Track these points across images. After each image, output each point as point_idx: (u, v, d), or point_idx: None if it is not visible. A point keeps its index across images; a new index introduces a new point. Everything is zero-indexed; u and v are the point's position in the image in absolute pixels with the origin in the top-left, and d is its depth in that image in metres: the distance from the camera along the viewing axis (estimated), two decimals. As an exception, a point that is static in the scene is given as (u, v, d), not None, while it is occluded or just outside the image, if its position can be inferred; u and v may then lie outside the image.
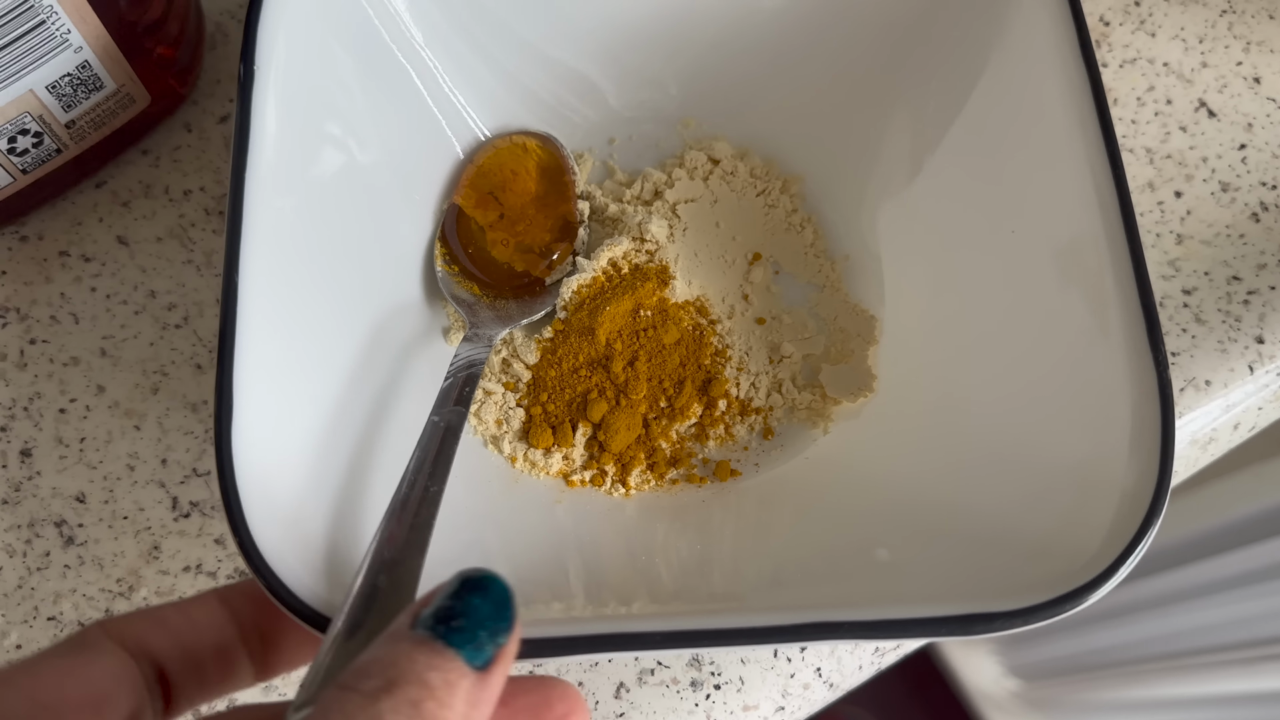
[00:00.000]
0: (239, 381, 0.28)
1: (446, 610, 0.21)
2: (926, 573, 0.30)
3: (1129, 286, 0.30)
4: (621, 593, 0.31)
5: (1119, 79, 0.43)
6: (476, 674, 0.21)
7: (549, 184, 0.39)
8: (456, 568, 0.31)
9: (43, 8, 0.32)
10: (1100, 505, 0.28)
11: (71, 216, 0.39)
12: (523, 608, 0.29)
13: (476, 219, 0.39)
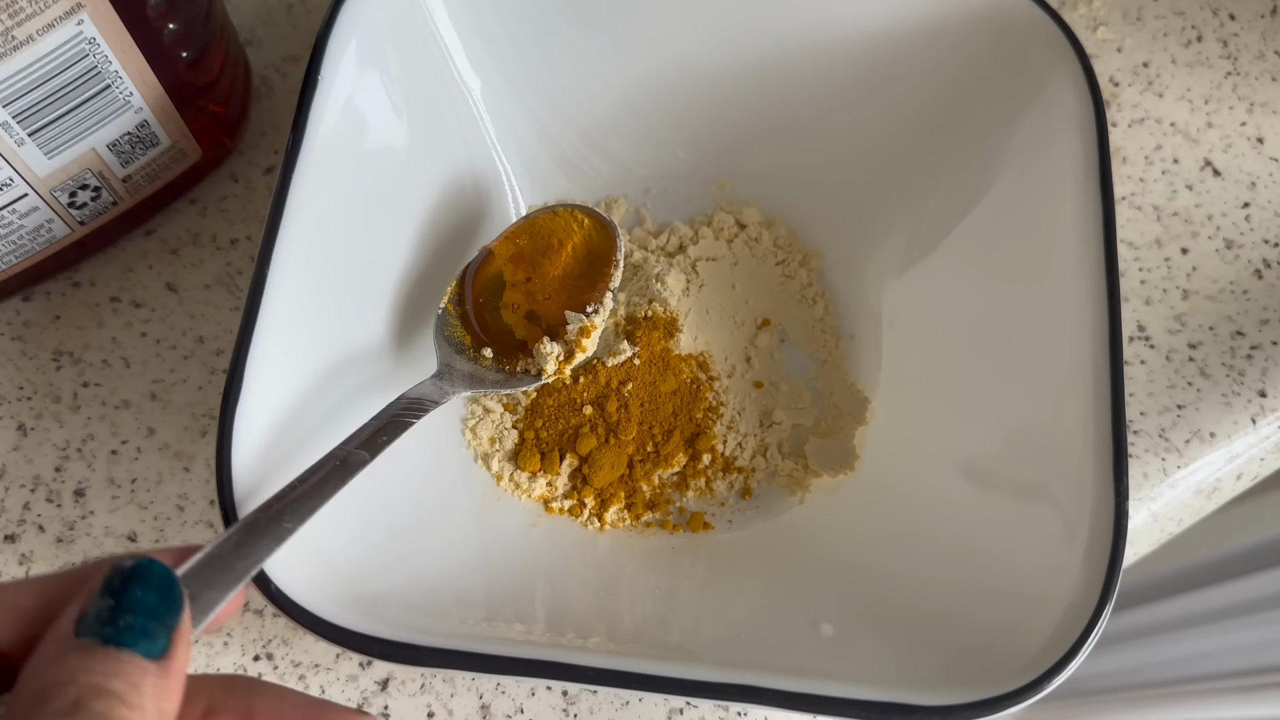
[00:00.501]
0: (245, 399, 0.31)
1: (109, 611, 0.20)
2: (865, 654, 0.32)
3: (1105, 418, 0.32)
4: (582, 626, 0.33)
5: (1128, 138, 0.45)
6: (158, 665, 0.20)
7: (586, 267, 0.38)
8: (432, 563, 0.34)
9: (109, 73, 0.34)
10: (1045, 615, 0.30)
11: (122, 264, 0.41)
12: (485, 623, 0.32)
13: (504, 273, 0.38)
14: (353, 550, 0.32)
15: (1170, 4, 0.47)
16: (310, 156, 0.34)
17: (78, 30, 0.32)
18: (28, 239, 0.37)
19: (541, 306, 0.38)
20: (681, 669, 0.29)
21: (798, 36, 0.39)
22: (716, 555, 0.37)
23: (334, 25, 0.35)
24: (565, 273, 0.38)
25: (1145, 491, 0.40)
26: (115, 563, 0.21)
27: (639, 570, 0.36)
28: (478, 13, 0.38)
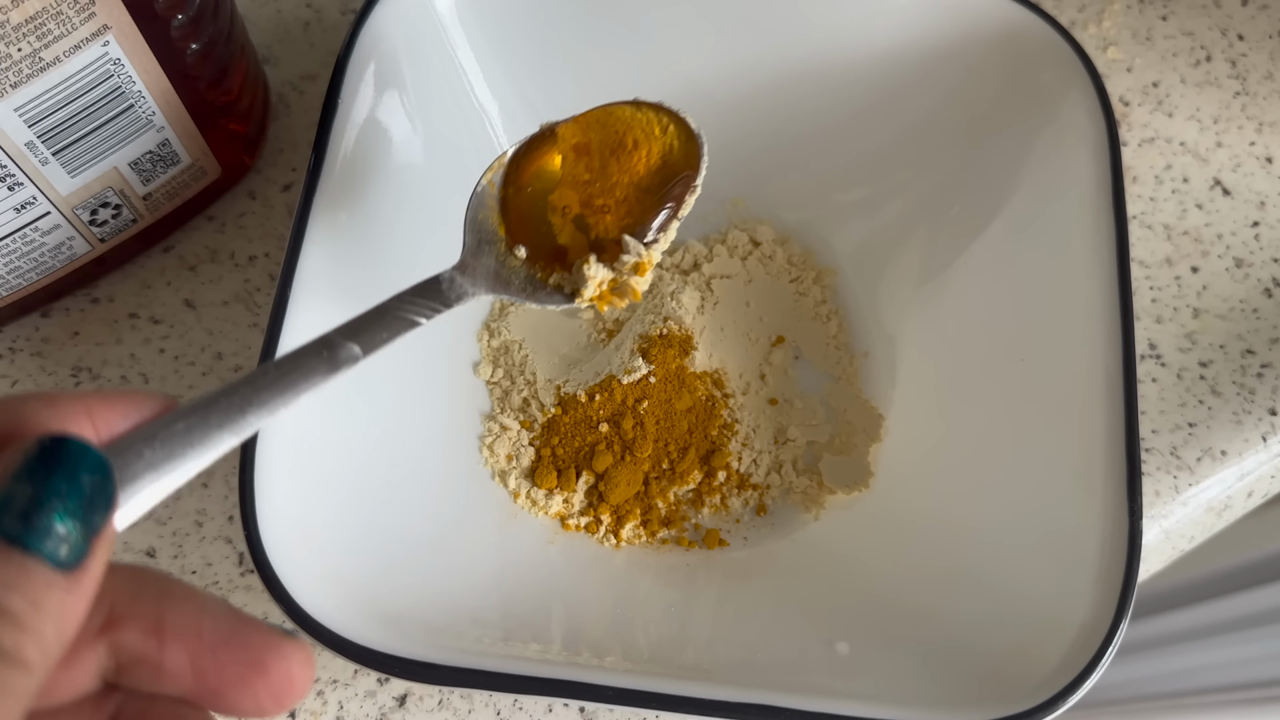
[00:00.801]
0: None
1: (20, 498, 0.17)
2: (879, 674, 0.32)
3: (1119, 438, 0.32)
4: (598, 645, 0.33)
5: (1138, 157, 0.45)
6: (67, 578, 0.17)
7: (657, 184, 0.32)
8: (450, 581, 0.34)
9: (132, 93, 0.34)
10: (1057, 637, 0.30)
11: (141, 280, 0.41)
12: (502, 642, 0.32)
13: (563, 163, 0.32)
14: (372, 567, 0.33)
15: (1179, 24, 0.48)
16: (330, 177, 0.34)
17: (103, 51, 0.32)
18: (49, 256, 0.37)
19: (595, 215, 0.32)
20: (698, 689, 0.29)
21: (811, 60, 0.39)
22: (732, 572, 0.37)
23: (353, 48, 0.35)
24: (633, 182, 0.32)
25: (1157, 509, 0.40)
26: (42, 438, 0.17)
27: (654, 587, 0.36)
28: (495, 35, 0.38)
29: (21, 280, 0.37)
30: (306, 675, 0.20)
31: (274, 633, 0.20)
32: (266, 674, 0.20)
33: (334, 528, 0.33)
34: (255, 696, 0.20)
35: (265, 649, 0.20)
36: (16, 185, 0.34)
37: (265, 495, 0.30)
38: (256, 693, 0.20)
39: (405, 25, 0.36)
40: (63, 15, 0.30)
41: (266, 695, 0.20)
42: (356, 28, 0.35)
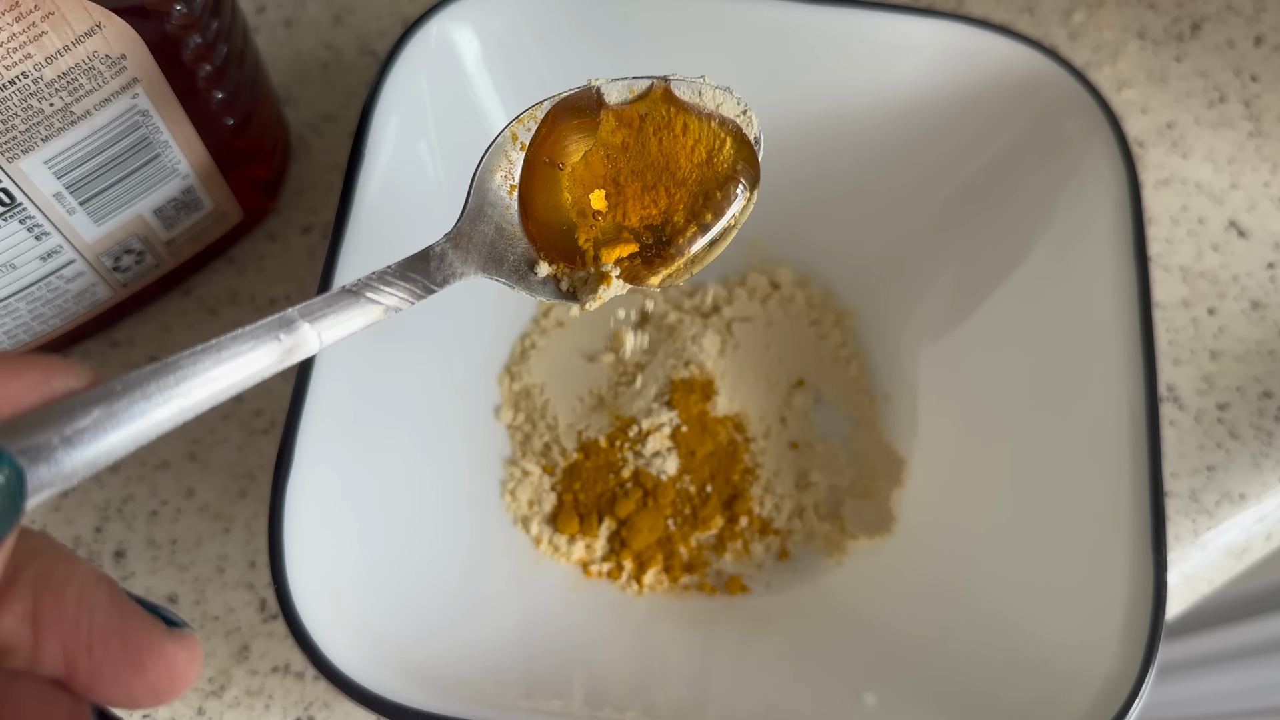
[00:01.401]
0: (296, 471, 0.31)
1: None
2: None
3: (1143, 487, 0.32)
4: (620, 703, 0.33)
5: (1154, 199, 0.45)
6: None
7: (699, 177, 0.28)
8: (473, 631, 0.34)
9: (159, 143, 0.34)
10: (1082, 690, 0.30)
11: (161, 323, 0.41)
12: (524, 698, 0.32)
13: (603, 126, 0.28)
14: (397, 619, 0.33)
15: (1194, 65, 0.48)
16: (358, 223, 0.34)
17: (132, 104, 0.32)
18: (71, 302, 0.37)
19: (620, 197, 0.27)
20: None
21: (833, 107, 0.39)
22: (754, 619, 0.37)
23: (379, 95, 0.35)
24: (672, 171, 0.28)
25: (1177, 553, 0.40)
26: None
27: (676, 635, 0.36)
28: (519, 81, 0.38)
29: (44, 326, 0.37)
30: (190, 672, 0.20)
31: (155, 630, 0.19)
32: (144, 674, 0.19)
33: (360, 579, 0.33)
34: (131, 693, 0.19)
35: (145, 648, 0.19)
36: (43, 235, 0.34)
37: (293, 547, 0.30)
38: (132, 690, 0.19)
39: (430, 72, 0.37)
40: (95, 70, 0.30)
41: (143, 693, 0.19)
42: (382, 74, 0.35)
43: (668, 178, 0.28)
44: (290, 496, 0.31)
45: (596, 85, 0.28)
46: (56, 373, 0.19)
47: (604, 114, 0.28)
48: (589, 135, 0.28)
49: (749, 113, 0.28)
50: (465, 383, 0.39)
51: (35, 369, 0.18)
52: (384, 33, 0.46)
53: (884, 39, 0.38)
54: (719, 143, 0.28)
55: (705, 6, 0.38)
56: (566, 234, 0.27)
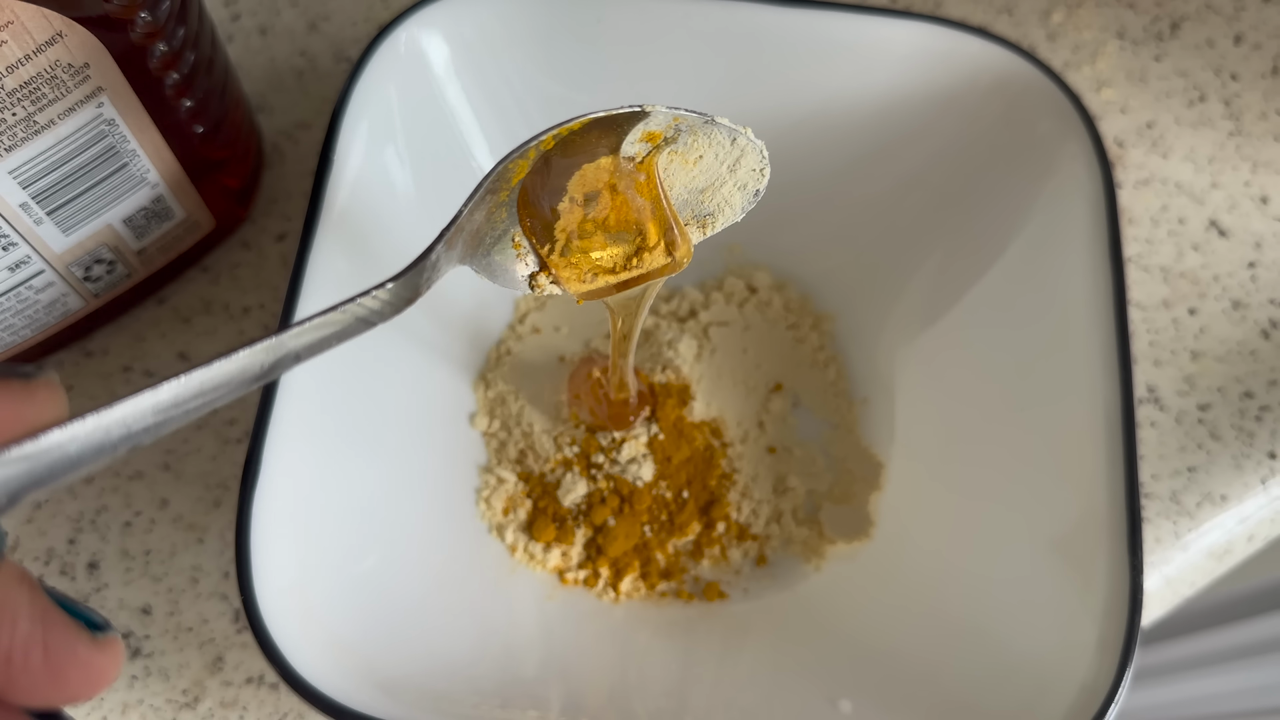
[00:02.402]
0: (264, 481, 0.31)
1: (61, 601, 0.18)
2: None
3: (1119, 490, 0.32)
4: (596, 714, 0.33)
5: (1134, 199, 0.45)
6: None
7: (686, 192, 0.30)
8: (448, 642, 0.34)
9: (126, 151, 0.34)
10: (1059, 696, 0.30)
11: (134, 333, 0.41)
12: (500, 709, 0.32)
13: (618, 157, 0.28)
14: (369, 629, 0.32)
15: (1173, 64, 0.48)
16: (327, 230, 0.34)
17: (98, 112, 0.32)
18: (42, 313, 0.37)
19: (608, 206, 0.29)
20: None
21: (808, 109, 0.39)
22: (732, 627, 0.37)
23: (348, 101, 0.35)
24: (655, 206, 0.29)
25: (1158, 555, 0.40)
26: None
27: (654, 644, 0.36)
28: (489, 86, 0.38)
29: (15, 337, 0.37)
30: (110, 675, 0.20)
31: (78, 639, 0.19)
32: (65, 685, 0.19)
33: (331, 589, 0.32)
34: (47, 699, 0.19)
35: (68, 660, 0.19)
36: (10, 245, 0.33)
37: (261, 558, 0.30)
38: (50, 698, 0.19)
39: (399, 78, 0.36)
40: (57, 79, 0.30)
41: (61, 699, 0.19)
42: (351, 81, 0.35)
43: (657, 209, 0.29)
44: (258, 507, 0.30)
45: (647, 110, 0.28)
46: (23, 404, 0.19)
47: (635, 141, 0.29)
48: (610, 153, 0.29)
49: (764, 170, 0.30)
50: (440, 389, 0.39)
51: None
52: (358, 39, 0.46)
53: (858, 41, 0.38)
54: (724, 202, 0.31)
55: (679, 9, 0.38)
56: (548, 223, 0.29)
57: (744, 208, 0.31)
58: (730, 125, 0.29)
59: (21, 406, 0.19)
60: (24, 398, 0.19)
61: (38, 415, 0.19)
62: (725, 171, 0.30)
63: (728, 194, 0.30)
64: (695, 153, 0.29)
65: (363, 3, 0.47)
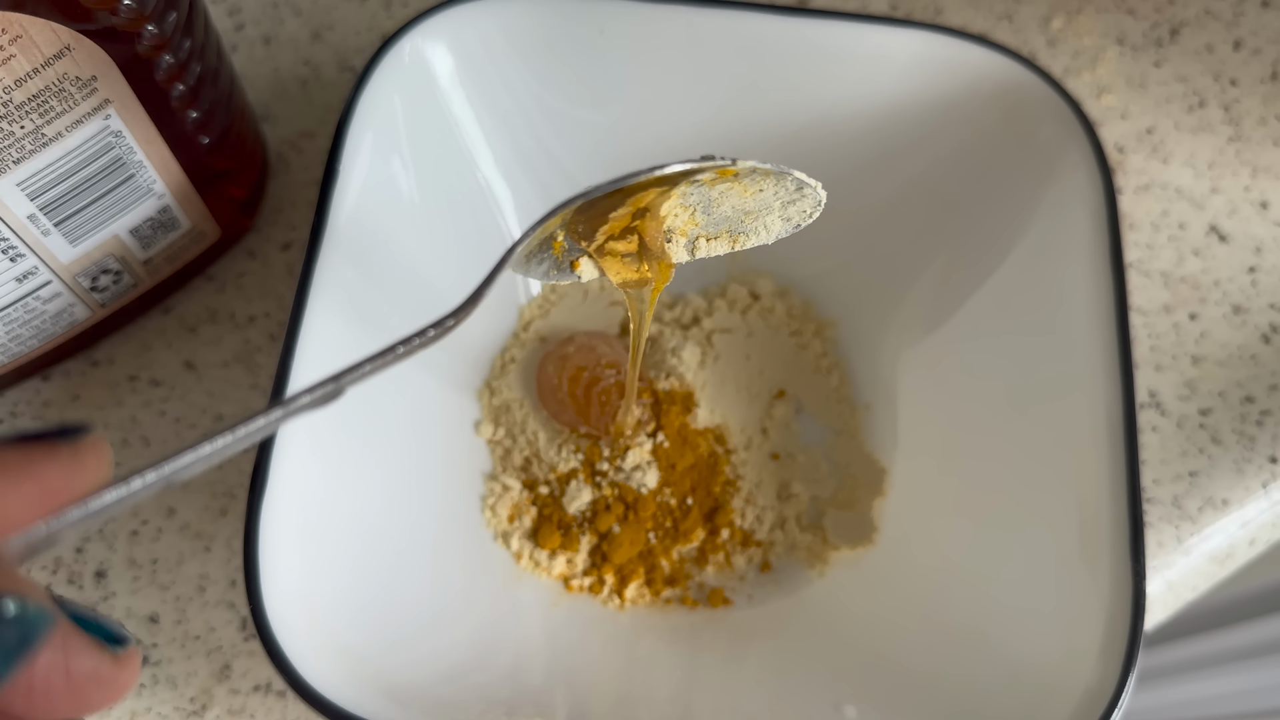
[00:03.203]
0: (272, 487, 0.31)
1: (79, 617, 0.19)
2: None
3: (1121, 495, 0.32)
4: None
5: (1135, 204, 0.45)
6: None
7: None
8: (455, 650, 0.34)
9: (133, 163, 0.34)
10: (1062, 700, 0.30)
11: (141, 342, 0.41)
12: (504, 716, 0.32)
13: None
14: (377, 637, 0.33)
15: (1173, 70, 0.48)
16: (332, 241, 0.34)
17: (105, 124, 0.32)
18: (49, 323, 0.37)
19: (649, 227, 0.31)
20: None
21: (809, 117, 0.39)
22: (737, 633, 0.37)
23: (353, 112, 0.35)
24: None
25: (1160, 560, 0.40)
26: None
27: (658, 651, 0.36)
28: (493, 97, 0.38)
29: (22, 347, 0.37)
30: (130, 686, 0.20)
31: (100, 661, 0.20)
32: (87, 704, 0.19)
33: (339, 597, 0.33)
34: (69, 715, 0.19)
35: (90, 682, 0.19)
36: (18, 256, 0.34)
37: (269, 566, 0.30)
38: (71, 714, 0.19)
39: (404, 89, 0.37)
40: (65, 92, 0.30)
41: (82, 714, 0.20)
42: (356, 91, 0.35)
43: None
44: (266, 516, 0.31)
45: (736, 168, 0.29)
46: (73, 473, 0.19)
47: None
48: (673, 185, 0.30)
49: (814, 215, 0.32)
50: (444, 397, 0.39)
51: (34, 479, 0.19)
52: (362, 49, 0.46)
53: (859, 50, 0.38)
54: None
55: (682, 19, 0.38)
56: (594, 229, 0.31)
57: (779, 235, 0.32)
58: (803, 179, 0.30)
59: (71, 476, 0.19)
60: (73, 467, 0.19)
61: (87, 482, 0.20)
62: (778, 205, 0.31)
63: (770, 222, 0.32)
64: (758, 186, 0.30)
65: (366, 12, 0.47)
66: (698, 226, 0.31)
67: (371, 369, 0.25)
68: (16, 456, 0.19)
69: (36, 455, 0.19)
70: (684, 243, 0.32)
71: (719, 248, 0.32)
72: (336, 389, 0.24)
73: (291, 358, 0.32)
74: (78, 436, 0.20)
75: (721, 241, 0.32)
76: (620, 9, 0.38)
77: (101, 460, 0.20)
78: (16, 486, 0.18)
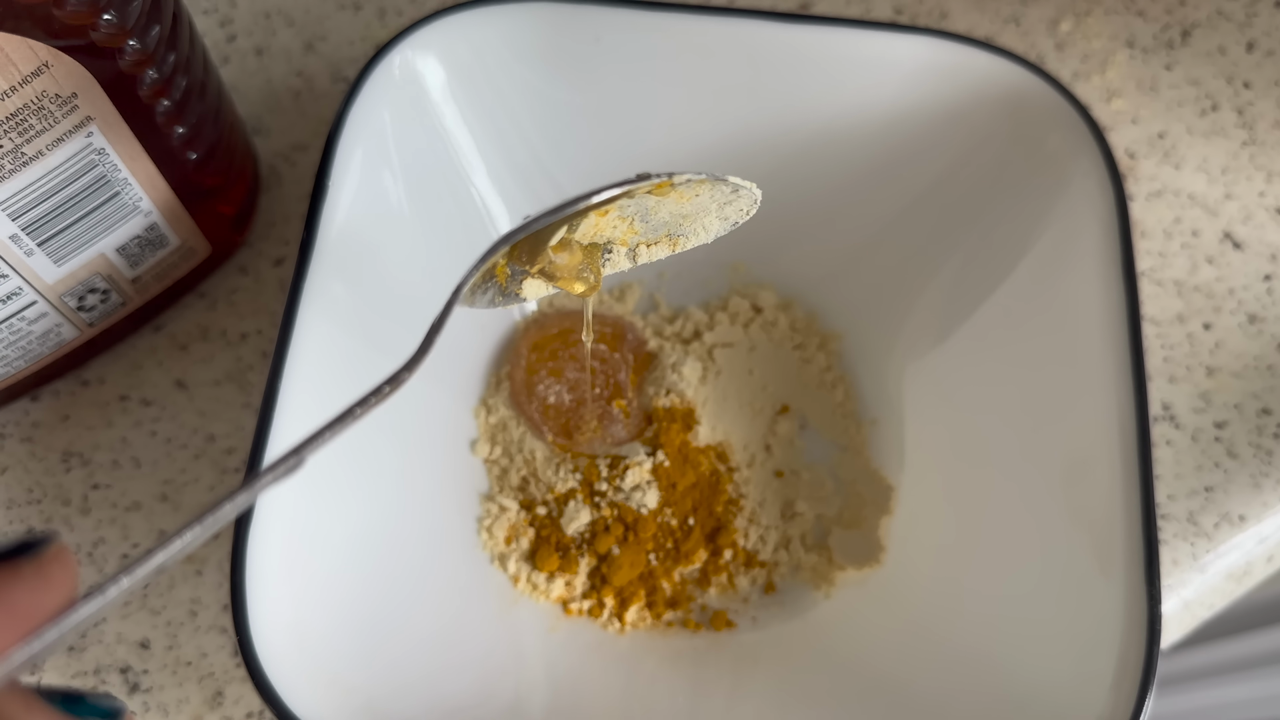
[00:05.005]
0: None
1: (70, 699, 0.20)
2: None
3: (1135, 513, 0.31)
4: None
5: (1147, 211, 0.44)
6: None
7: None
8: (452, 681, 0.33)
9: (118, 180, 0.33)
10: None
11: (131, 361, 0.40)
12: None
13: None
14: (370, 668, 0.32)
15: (1185, 73, 0.47)
16: (322, 257, 0.33)
17: (87, 142, 0.31)
18: (36, 344, 0.36)
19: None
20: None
21: (814, 125, 0.38)
22: (741, 657, 0.36)
23: (343, 126, 0.34)
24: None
25: (1175, 578, 0.39)
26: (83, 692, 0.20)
27: (660, 676, 0.35)
28: (485, 109, 0.38)
29: (9, 369, 0.37)
30: None
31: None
32: None
33: (330, 625, 0.32)
34: None
35: None
36: (1, 278, 0.33)
37: (257, 595, 0.29)
38: None
39: (394, 103, 0.36)
40: (45, 110, 0.30)
41: None
42: (345, 107, 0.35)
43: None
44: (253, 542, 0.30)
45: (675, 181, 0.29)
46: (39, 591, 0.19)
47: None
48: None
49: (751, 211, 0.32)
50: (440, 415, 0.38)
51: (2, 605, 0.19)
52: (355, 59, 0.45)
53: (862, 57, 0.37)
54: None
55: (680, 26, 0.37)
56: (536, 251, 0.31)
57: (718, 234, 0.32)
58: (738, 181, 0.30)
59: (39, 594, 0.19)
60: (40, 584, 0.19)
61: (56, 599, 0.19)
62: (715, 207, 0.31)
63: (707, 223, 0.32)
64: (694, 192, 0.30)
65: (359, 22, 0.46)
66: (637, 235, 0.31)
67: (331, 435, 0.24)
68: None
69: (1, 579, 0.19)
70: (625, 251, 0.32)
71: (659, 252, 0.32)
72: (298, 461, 0.24)
73: (279, 379, 0.32)
74: (40, 550, 0.20)
75: (661, 246, 0.32)
76: (617, 17, 0.37)
77: (68, 570, 0.20)
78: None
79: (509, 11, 0.36)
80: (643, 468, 0.37)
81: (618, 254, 0.32)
